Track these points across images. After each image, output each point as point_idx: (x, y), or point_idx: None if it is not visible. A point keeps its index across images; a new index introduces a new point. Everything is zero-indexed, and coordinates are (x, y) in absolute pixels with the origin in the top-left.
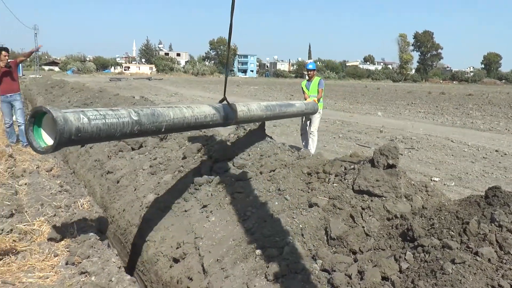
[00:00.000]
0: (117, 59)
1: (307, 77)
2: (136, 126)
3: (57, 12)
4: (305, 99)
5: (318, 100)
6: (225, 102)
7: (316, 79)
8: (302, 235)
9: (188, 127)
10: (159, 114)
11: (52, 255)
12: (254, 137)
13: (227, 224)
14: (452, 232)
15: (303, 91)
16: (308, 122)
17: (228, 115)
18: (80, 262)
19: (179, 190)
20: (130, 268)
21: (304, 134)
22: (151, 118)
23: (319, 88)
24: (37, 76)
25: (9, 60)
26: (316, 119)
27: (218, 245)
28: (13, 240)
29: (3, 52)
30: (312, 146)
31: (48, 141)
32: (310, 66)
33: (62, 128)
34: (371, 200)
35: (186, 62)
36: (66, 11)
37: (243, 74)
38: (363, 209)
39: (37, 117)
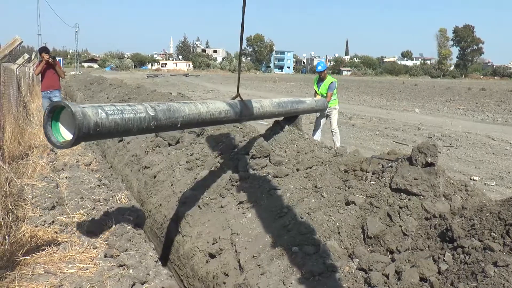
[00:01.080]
0: (155, 56)
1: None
2: (153, 121)
3: (96, 10)
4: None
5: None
6: (238, 98)
7: (327, 80)
8: (339, 233)
9: (203, 123)
10: (175, 110)
11: (91, 247)
12: (289, 133)
13: (263, 221)
14: (494, 234)
15: (314, 88)
16: (321, 120)
17: (242, 111)
18: (118, 255)
19: (216, 186)
20: (166, 262)
21: (316, 131)
22: (167, 113)
23: (328, 92)
24: (77, 73)
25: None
26: (334, 115)
27: (255, 241)
28: (55, 232)
29: (43, 54)
30: (337, 142)
31: (66, 135)
32: (320, 68)
33: (81, 122)
34: (409, 199)
35: (222, 58)
36: (105, 9)
37: (280, 70)
38: (400, 208)
39: (55, 112)
